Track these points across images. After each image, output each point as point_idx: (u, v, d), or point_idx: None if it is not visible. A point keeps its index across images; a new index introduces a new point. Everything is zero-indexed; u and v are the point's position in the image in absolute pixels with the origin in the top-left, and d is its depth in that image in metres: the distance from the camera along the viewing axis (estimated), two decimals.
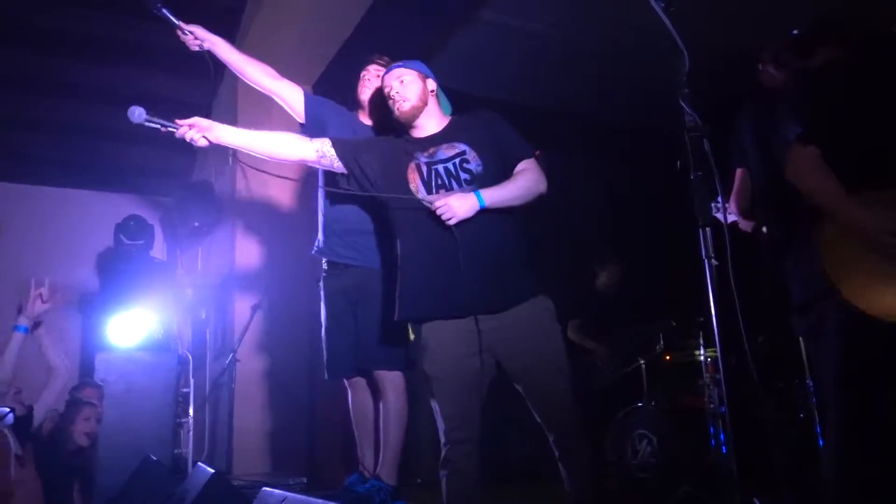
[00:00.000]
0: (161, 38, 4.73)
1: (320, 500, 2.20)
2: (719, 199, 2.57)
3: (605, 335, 4.58)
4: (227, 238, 5.09)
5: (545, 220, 3.28)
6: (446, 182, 2.35)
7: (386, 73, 2.51)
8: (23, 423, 3.24)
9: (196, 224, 5.48)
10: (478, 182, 2.32)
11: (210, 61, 2.76)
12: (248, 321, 4.38)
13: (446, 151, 2.39)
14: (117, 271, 5.26)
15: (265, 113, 5.16)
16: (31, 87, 5.18)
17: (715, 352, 3.84)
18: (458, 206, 2.22)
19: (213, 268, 5.51)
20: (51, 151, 5.95)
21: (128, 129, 2.51)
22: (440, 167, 2.37)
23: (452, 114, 2.58)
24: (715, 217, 1.75)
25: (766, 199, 2.42)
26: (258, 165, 2.66)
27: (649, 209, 5.46)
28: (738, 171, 2.60)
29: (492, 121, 2.47)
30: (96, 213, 6.06)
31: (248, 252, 4.94)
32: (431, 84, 2.51)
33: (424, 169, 2.38)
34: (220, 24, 4.80)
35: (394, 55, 2.75)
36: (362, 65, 2.98)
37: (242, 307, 4.64)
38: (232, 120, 4.98)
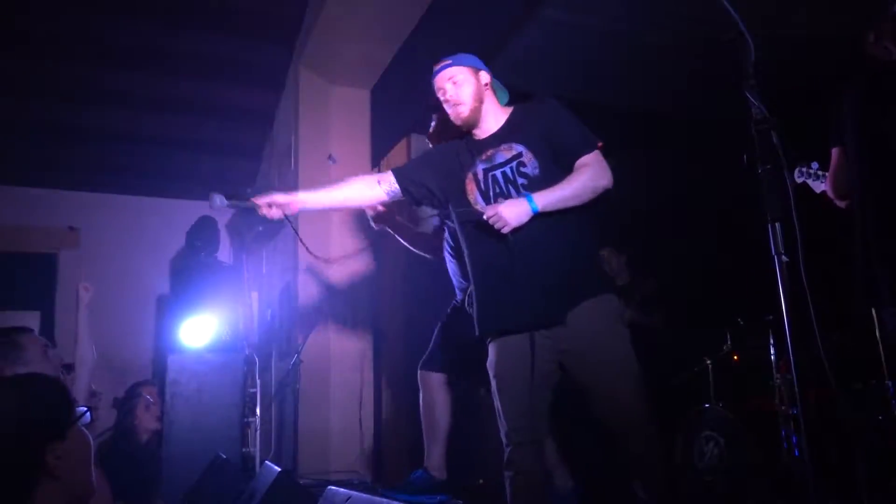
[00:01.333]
0: (228, 50, 4.89)
1: (384, 500, 2.23)
2: (814, 164, 2.43)
3: None
4: (291, 241, 5.19)
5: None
6: (504, 189, 2.24)
7: (436, 74, 2.36)
8: None
9: (260, 228, 5.62)
10: (535, 186, 2.18)
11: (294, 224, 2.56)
12: (311, 322, 4.46)
13: (504, 153, 2.26)
14: (187, 275, 5.45)
15: (324, 113, 5.22)
16: (108, 100, 5.38)
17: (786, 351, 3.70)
18: (508, 213, 2.10)
19: (278, 271, 5.64)
20: (127, 161, 6.17)
21: (197, 140, 2.59)
22: (498, 173, 2.25)
23: (511, 103, 2.42)
24: (784, 212, 1.67)
25: (864, 189, 2.25)
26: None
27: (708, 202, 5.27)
28: (834, 151, 2.41)
29: (549, 114, 2.29)
30: (168, 220, 6.28)
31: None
32: (485, 77, 2.36)
33: (482, 177, 2.28)
34: (281, 31, 4.92)
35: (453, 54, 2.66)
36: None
37: (306, 308, 4.74)
38: (294, 126, 5.09)
